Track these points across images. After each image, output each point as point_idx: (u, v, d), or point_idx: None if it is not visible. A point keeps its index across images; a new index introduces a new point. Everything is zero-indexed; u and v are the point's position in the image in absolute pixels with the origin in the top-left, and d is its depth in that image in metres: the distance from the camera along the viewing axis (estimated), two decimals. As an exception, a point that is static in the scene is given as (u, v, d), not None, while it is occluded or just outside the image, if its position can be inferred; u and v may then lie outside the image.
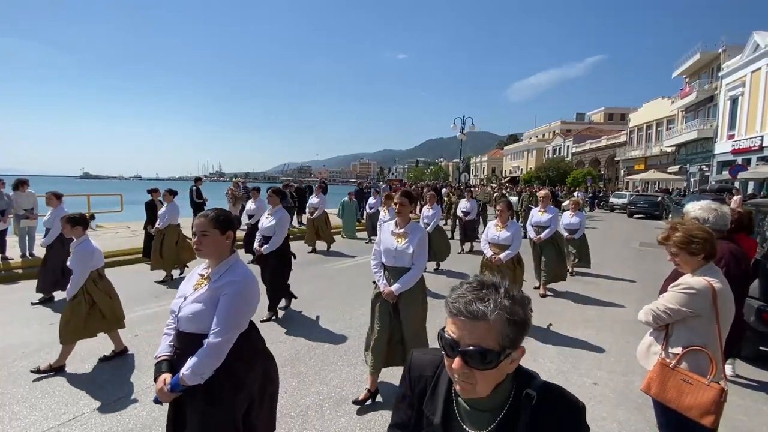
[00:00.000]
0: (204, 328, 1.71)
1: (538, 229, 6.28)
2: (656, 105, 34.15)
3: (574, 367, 3.80)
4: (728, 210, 2.52)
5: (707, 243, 1.93)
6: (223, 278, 1.78)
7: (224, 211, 1.91)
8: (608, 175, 42.55)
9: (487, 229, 4.90)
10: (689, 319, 1.93)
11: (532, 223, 6.37)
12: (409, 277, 3.01)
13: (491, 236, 4.75)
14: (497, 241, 4.69)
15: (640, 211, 21.71)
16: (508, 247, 4.65)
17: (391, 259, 3.07)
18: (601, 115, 58.36)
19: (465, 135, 21.21)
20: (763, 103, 20.57)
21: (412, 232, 3.08)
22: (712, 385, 1.81)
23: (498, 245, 4.70)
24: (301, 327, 4.65)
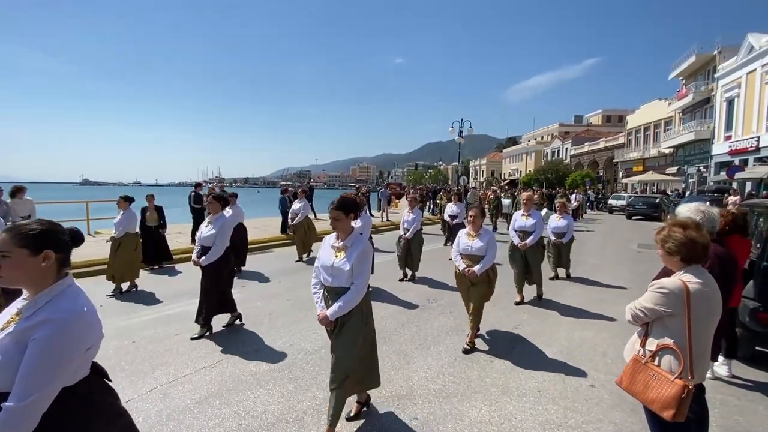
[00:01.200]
0: (6, 386, 1.25)
1: (523, 234, 5.77)
2: (653, 107, 34.33)
3: (571, 368, 3.80)
4: (717, 212, 2.55)
5: (682, 246, 1.96)
6: (38, 315, 1.32)
7: (45, 224, 1.44)
8: (607, 177, 42.66)
9: (458, 238, 4.36)
10: (665, 318, 1.98)
11: (516, 228, 5.86)
12: (347, 299, 2.59)
13: (463, 246, 4.23)
14: (470, 251, 4.18)
15: (639, 212, 21.75)
16: (481, 258, 4.15)
17: (328, 277, 2.68)
18: (599, 117, 58.61)
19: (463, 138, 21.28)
20: (759, 104, 20.69)
21: (353, 245, 2.64)
22: (676, 382, 1.87)
23: (471, 256, 4.19)
24: (298, 332, 4.64)
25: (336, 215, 2.66)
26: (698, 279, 1.93)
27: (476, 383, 3.50)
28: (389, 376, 3.59)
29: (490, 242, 4.17)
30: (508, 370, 3.75)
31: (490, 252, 4.14)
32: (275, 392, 3.30)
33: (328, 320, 2.65)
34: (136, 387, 3.39)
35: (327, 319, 2.65)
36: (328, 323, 2.68)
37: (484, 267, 4.09)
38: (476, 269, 4.08)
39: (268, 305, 5.44)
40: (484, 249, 4.14)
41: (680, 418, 1.83)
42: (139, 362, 3.86)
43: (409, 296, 6.16)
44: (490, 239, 4.18)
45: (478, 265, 4.10)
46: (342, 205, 2.67)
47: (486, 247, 4.13)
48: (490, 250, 4.15)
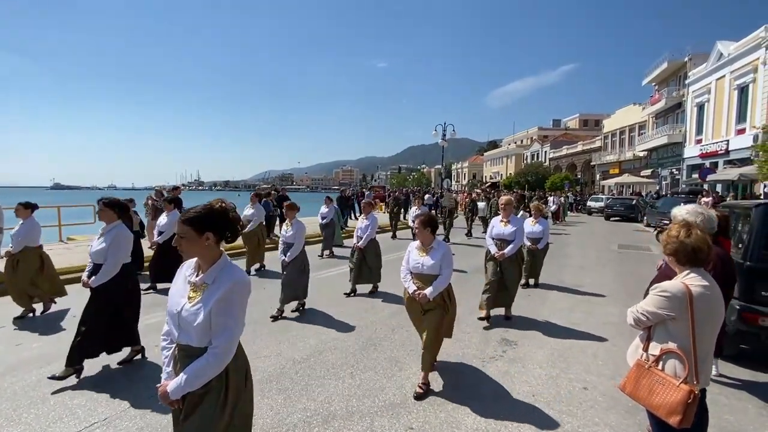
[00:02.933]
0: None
1: (501, 243, 5.17)
2: (628, 111, 35.44)
3: (563, 372, 3.79)
4: (715, 213, 2.57)
5: (676, 249, 1.95)
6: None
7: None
8: (585, 180, 43.76)
9: (407, 253, 3.59)
10: (668, 322, 1.96)
11: (493, 235, 5.25)
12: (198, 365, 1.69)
13: (413, 263, 3.46)
14: (421, 270, 3.40)
15: (617, 213, 22.36)
16: (435, 278, 3.38)
17: (175, 330, 1.79)
18: (577, 122, 60.18)
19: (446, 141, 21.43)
20: (728, 109, 21.60)
21: (215, 282, 1.71)
22: (681, 387, 1.85)
23: (422, 276, 3.42)
24: (285, 341, 4.49)
25: (183, 232, 1.69)
26: (700, 281, 1.91)
27: (470, 389, 3.44)
28: (381, 384, 3.49)
29: (444, 259, 3.39)
30: (501, 375, 3.71)
31: (446, 271, 3.38)
32: (263, 405, 3.14)
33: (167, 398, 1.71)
34: (112, 402, 3.18)
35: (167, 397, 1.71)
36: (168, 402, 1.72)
37: (437, 290, 3.33)
38: (427, 292, 3.30)
39: (252, 314, 5.21)
40: (438, 267, 3.37)
41: (687, 424, 1.80)
42: (117, 377, 3.63)
43: (398, 299, 6.07)
44: (444, 255, 3.41)
45: (430, 288, 3.32)
46: (193, 220, 1.68)
47: (440, 264, 3.38)
48: (446, 269, 3.38)
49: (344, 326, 4.95)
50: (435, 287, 3.33)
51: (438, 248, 3.46)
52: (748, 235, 3.93)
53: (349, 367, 3.81)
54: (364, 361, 3.94)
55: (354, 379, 3.57)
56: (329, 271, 8.29)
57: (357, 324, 5.02)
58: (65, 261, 8.21)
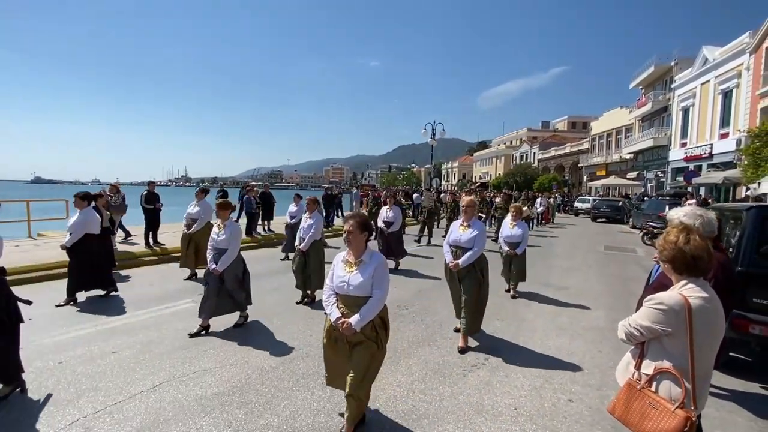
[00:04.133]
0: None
1: (458, 250, 4.36)
2: (615, 114, 35.80)
3: (548, 381, 3.59)
4: (714, 216, 2.37)
5: (676, 259, 1.75)
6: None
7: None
8: (572, 181, 44.15)
9: (333, 268, 2.77)
10: (663, 337, 1.75)
11: (451, 242, 4.42)
12: None
13: (338, 281, 2.66)
14: (347, 289, 2.62)
15: (603, 215, 22.51)
16: (363, 300, 2.59)
17: None
18: (565, 123, 60.75)
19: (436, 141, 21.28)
20: (712, 113, 21.90)
21: None
22: (677, 413, 1.64)
23: (348, 298, 2.63)
24: (255, 347, 4.20)
25: None
26: (700, 293, 1.70)
27: (449, 402, 3.21)
28: (354, 396, 3.24)
29: (377, 275, 2.60)
30: (483, 386, 3.49)
31: (378, 292, 2.59)
32: (221, 421, 2.87)
33: None
34: (53, 419, 2.86)
35: None
36: None
37: (365, 318, 2.53)
38: (353, 321, 2.53)
39: (223, 317, 4.94)
40: (368, 287, 2.58)
41: None
42: (62, 387, 3.30)
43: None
44: (377, 270, 2.62)
45: (356, 316, 2.54)
46: None
47: (369, 283, 2.58)
48: (378, 289, 2.59)
49: (320, 331, 4.61)
50: (363, 315, 2.53)
51: (370, 261, 2.65)
52: (739, 238, 3.79)
53: (320, 376, 3.53)
54: (338, 370, 3.68)
55: (324, 390, 3.30)
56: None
57: (334, 328, 4.75)
58: (32, 258, 7.75)
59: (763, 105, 18.04)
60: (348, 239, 2.66)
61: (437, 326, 4.90)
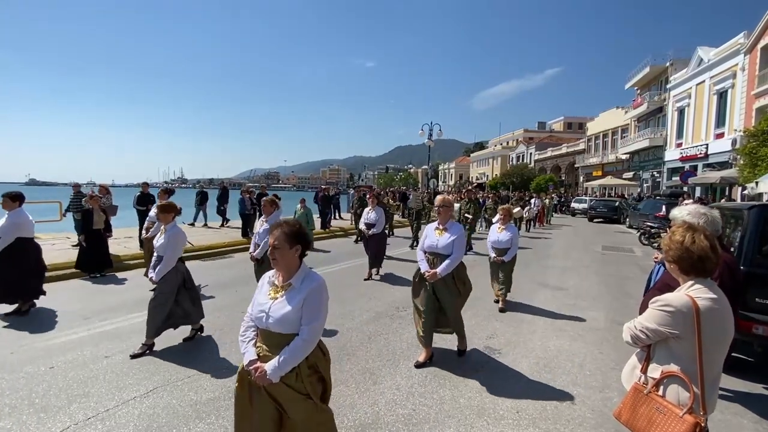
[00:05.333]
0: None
1: (434, 257, 3.79)
2: (611, 115, 35.94)
3: (549, 384, 3.54)
4: (718, 214, 2.33)
5: (683, 259, 1.70)
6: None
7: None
8: (569, 181, 44.28)
9: (258, 290, 2.10)
10: (670, 340, 1.69)
11: (426, 248, 3.85)
12: None
13: (258, 309, 2.01)
14: (266, 323, 1.96)
15: (600, 215, 22.57)
16: (290, 339, 1.91)
17: None
18: (561, 124, 60.95)
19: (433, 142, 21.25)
20: (708, 113, 22.01)
21: None
22: (685, 418, 1.59)
23: (268, 334, 1.97)
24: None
25: None
26: (707, 294, 1.65)
27: (449, 405, 3.15)
28: (352, 400, 3.18)
29: (309, 304, 1.92)
30: (484, 388, 3.43)
31: (306, 328, 1.90)
32: (216, 426, 2.80)
33: None
34: (43, 427, 2.78)
35: None
36: None
37: (283, 366, 1.85)
38: (268, 368, 1.86)
39: (218, 318, 4.87)
40: (294, 321, 1.91)
41: None
42: (53, 394, 3.22)
43: (376, 305, 5.77)
44: (310, 296, 1.93)
45: (273, 362, 1.87)
46: None
47: (299, 317, 1.92)
48: (308, 324, 1.91)
49: (318, 333, 4.61)
50: (282, 360, 1.84)
51: (301, 287, 1.95)
52: (741, 238, 3.76)
53: (318, 380, 3.48)
54: (336, 374, 3.59)
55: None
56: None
57: (332, 331, 4.68)
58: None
59: (758, 105, 18.14)
60: (272, 256, 1.95)
61: (436, 328, 4.85)
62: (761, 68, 18.10)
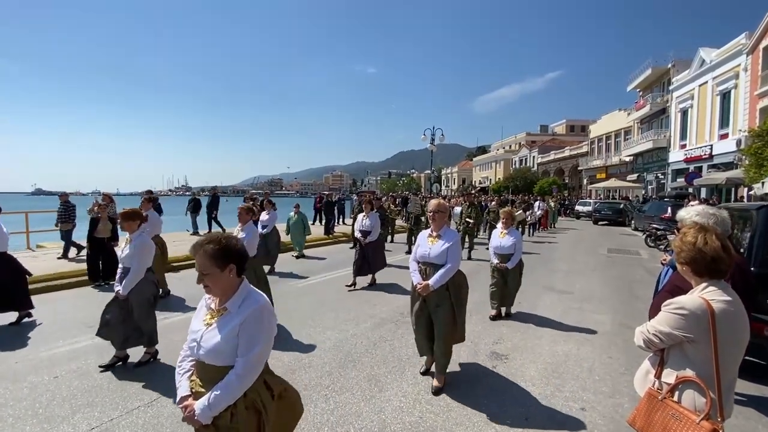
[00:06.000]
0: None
1: (427, 268, 3.43)
2: (614, 117, 35.86)
3: (558, 390, 3.48)
4: (727, 214, 2.29)
5: (696, 261, 1.66)
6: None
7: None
8: (572, 184, 44.12)
9: (196, 312, 1.83)
10: (685, 344, 1.65)
11: (418, 257, 3.51)
12: None
13: (191, 337, 1.74)
14: (197, 353, 1.70)
15: (605, 218, 22.42)
16: (219, 375, 1.64)
17: None
18: (564, 127, 60.88)
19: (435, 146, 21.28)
20: (711, 114, 21.91)
21: None
22: (702, 425, 1.54)
23: (202, 366, 1.71)
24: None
25: None
26: (722, 296, 1.61)
27: (456, 412, 3.10)
28: (358, 408, 3.13)
29: (247, 331, 1.64)
30: (491, 394, 3.38)
31: (242, 360, 1.62)
32: None
33: None
34: (47, 438, 2.76)
35: None
36: None
37: (214, 406, 1.59)
38: (197, 408, 1.62)
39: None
40: (228, 351, 1.64)
41: None
42: (57, 404, 3.20)
43: (381, 311, 5.72)
44: (247, 322, 1.65)
45: (202, 400, 1.62)
46: None
47: (235, 346, 1.64)
48: (244, 355, 1.62)
49: (322, 340, 4.58)
50: (214, 398, 1.59)
51: (238, 311, 1.66)
52: (751, 239, 3.70)
53: (323, 388, 3.44)
54: (341, 381, 3.57)
55: (328, 402, 3.20)
56: (313, 278, 7.89)
57: (336, 337, 4.65)
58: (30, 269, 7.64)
59: (762, 105, 18.04)
60: (202, 283, 1.66)
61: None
62: (764, 68, 18.02)
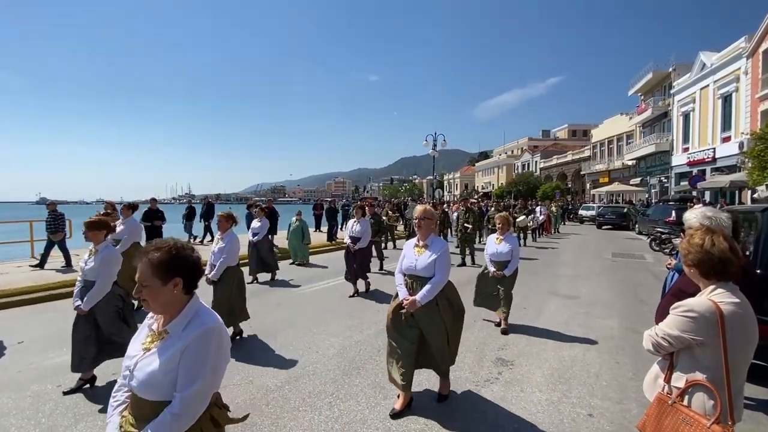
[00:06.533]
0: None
1: (413, 281, 3.14)
2: (615, 121, 35.90)
3: (565, 395, 3.44)
4: (726, 216, 2.28)
5: (703, 263, 1.65)
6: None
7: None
8: (575, 189, 44.03)
9: (133, 340, 1.53)
10: (694, 348, 1.63)
11: (404, 269, 3.21)
12: None
13: (125, 365, 1.48)
14: (130, 384, 1.44)
15: (609, 222, 22.31)
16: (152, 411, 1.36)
17: None
18: (565, 132, 60.96)
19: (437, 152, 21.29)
20: (713, 117, 21.90)
21: None
22: (713, 428, 1.52)
23: (135, 400, 1.43)
24: (260, 365, 4.07)
25: None
26: (731, 298, 1.60)
27: (462, 420, 3.07)
28: (363, 415, 3.10)
29: (188, 355, 1.36)
30: (497, 401, 3.34)
31: (189, 384, 1.34)
32: None
33: None
34: (50, 447, 2.74)
35: None
36: None
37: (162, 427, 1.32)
38: None
39: (227, 333, 4.83)
40: (165, 384, 1.36)
41: None
42: (60, 413, 3.18)
43: (384, 317, 5.67)
44: (190, 349, 1.36)
45: None
46: None
47: (173, 379, 1.36)
48: (183, 390, 1.34)
49: (326, 347, 4.55)
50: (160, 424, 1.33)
51: (180, 336, 1.39)
52: (756, 241, 3.67)
53: (327, 395, 3.41)
54: (345, 388, 3.54)
55: (332, 410, 3.17)
56: (316, 284, 7.87)
57: (340, 344, 4.63)
58: (33, 278, 7.68)
59: (763, 108, 18.01)
60: (140, 296, 1.40)
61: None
62: (764, 71, 18.03)
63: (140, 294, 1.39)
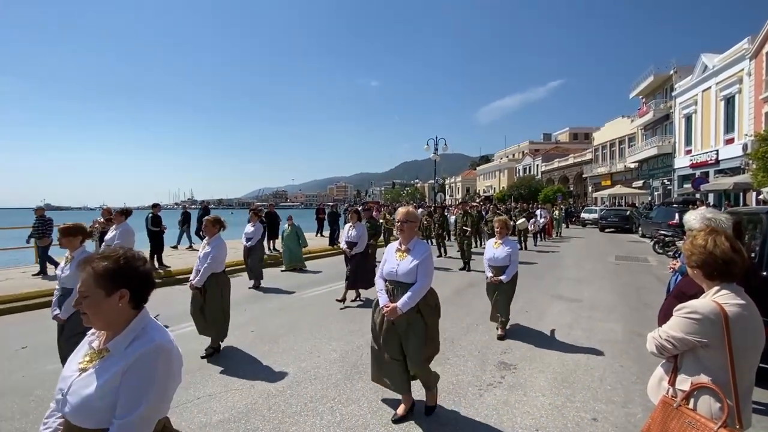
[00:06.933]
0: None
1: (395, 288, 2.97)
2: (617, 124, 35.84)
3: (569, 399, 3.40)
4: (725, 218, 2.27)
5: (707, 264, 1.63)
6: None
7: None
8: (577, 192, 43.92)
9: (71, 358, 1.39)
10: (699, 350, 1.61)
11: (384, 274, 3.04)
12: None
13: (58, 387, 1.32)
14: (62, 408, 1.27)
15: (611, 225, 22.22)
16: None
17: None
18: (567, 135, 60.93)
19: (439, 156, 21.31)
20: (715, 119, 21.83)
21: None
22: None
23: (69, 427, 1.25)
24: (261, 370, 4.06)
25: None
26: (735, 299, 1.58)
27: (465, 424, 3.04)
28: (365, 420, 3.08)
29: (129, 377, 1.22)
30: (500, 405, 3.31)
31: (130, 410, 1.20)
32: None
33: None
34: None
35: None
36: None
37: None
38: None
39: (228, 337, 4.81)
40: (104, 405, 1.21)
41: None
42: (62, 418, 3.18)
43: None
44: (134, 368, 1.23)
45: None
46: None
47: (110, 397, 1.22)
48: (130, 410, 1.20)
49: (328, 351, 4.54)
50: None
51: (124, 353, 1.25)
52: (762, 242, 3.64)
53: (329, 400, 3.39)
54: (347, 393, 3.52)
55: (334, 415, 3.15)
56: (317, 289, 7.86)
57: (342, 348, 4.61)
58: (38, 283, 7.70)
59: (767, 109, 17.95)
60: (80, 309, 1.28)
61: (449, 343, 4.72)
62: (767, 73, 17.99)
63: (79, 306, 1.25)
